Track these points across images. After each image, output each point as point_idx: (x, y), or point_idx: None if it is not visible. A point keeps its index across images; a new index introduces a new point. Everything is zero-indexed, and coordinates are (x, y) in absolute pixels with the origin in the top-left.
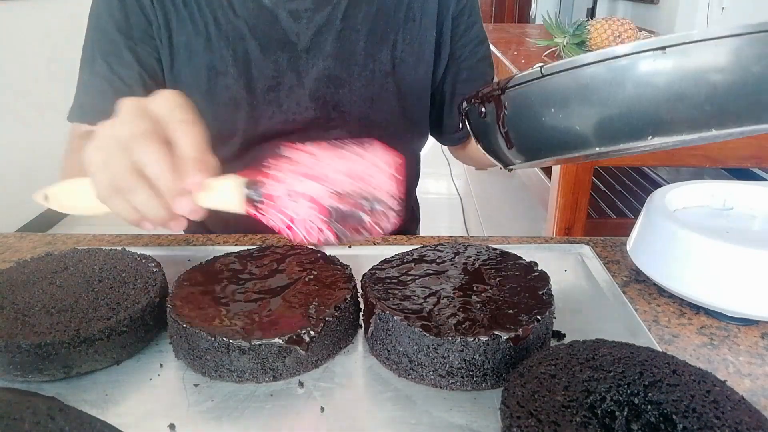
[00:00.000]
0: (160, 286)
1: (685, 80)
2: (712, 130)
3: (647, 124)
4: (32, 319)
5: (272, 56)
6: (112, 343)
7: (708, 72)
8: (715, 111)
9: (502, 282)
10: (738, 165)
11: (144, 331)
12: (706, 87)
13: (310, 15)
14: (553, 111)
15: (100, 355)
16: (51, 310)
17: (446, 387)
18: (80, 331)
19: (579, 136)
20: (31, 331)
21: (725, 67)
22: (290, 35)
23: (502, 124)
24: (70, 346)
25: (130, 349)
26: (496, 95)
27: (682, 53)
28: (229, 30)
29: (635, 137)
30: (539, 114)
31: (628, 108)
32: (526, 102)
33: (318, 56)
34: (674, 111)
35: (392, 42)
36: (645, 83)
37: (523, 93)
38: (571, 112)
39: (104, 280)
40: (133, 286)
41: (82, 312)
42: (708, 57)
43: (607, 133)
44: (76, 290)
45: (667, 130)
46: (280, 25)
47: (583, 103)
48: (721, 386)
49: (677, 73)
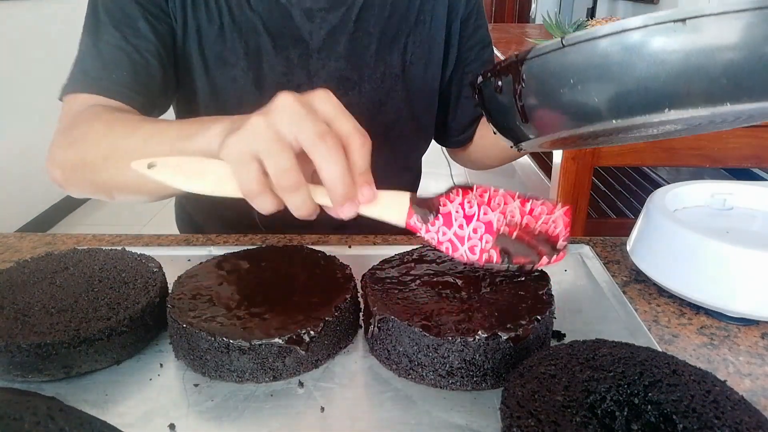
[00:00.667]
0: (160, 286)
1: (703, 53)
2: (727, 104)
3: (664, 96)
4: (32, 319)
5: (284, 53)
6: (112, 343)
7: (726, 45)
8: (731, 85)
9: (502, 282)
10: (738, 165)
11: (144, 331)
12: (723, 60)
13: (323, 15)
14: (572, 82)
15: (100, 355)
16: (51, 310)
17: (446, 387)
18: (80, 331)
19: (596, 109)
20: (31, 331)
21: (743, 40)
22: (303, 34)
23: (518, 97)
24: (70, 346)
25: (130, 349)
26: (515, 66)
27: (702, 25)
28: (242, 22)
29: (652, 110)
30: (557, 86)
31: (646, 80)
32: (545, 73)
33: (330, 57)
34: (691, 83)
35: (403, 45)
36: (664, 55)
37: (542, 64)
38: (589, 83)
39: (104, 280)
40: (133, 286)
41: (82, 312)
42: (727, 30)
43: (624, 105)
44: (76, 290)
45: (684, 102)
46: (294, 23)
47: (602, 74)
48: (721, 386)
49: (695, 46)
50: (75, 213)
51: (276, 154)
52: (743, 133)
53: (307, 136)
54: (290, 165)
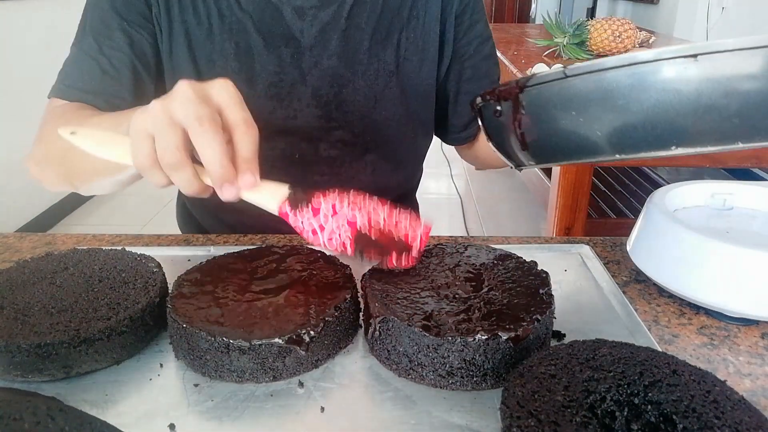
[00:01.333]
0: (160, 286)
1: (716, 91)
2: (738, 143)
3: (672, 134)
4: (32, 319)
5: (275, 51)
6: (113, 343)
7: (740, 83)
8: (744, 124)
9: (502, 282)
10: (738, 165)
11: (144, 331)
12: (737, 99)
13: (315, 12)
14: (574, 114)
15: (100, 355)
16: (51, 310)
17: (446, 387)
18: (80, 331)
19: (598, 142)
20: (31, 331)
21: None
22: (295, 32)
23: (518, 125)
24: (70, 346)
25: (130, 349)
26: (515, 93)
27: (714, 62)
28: (233, 22)
29: (658, 147)
30: (558, 116)
31: (652, 116)
32: (546, 102)
33: (322, 54)
34: (701, 122)
35: (396, 41)
36: (672, 91)
37: (543, 93)
38: (592, 116)
39: (104, 280)
40: (133, 286)
41: (82, 312)
42: (741, 67)
43: (628, 141)
44: (76, 290)
45: (692, 141)
46: (285, 22)
47: (605, 108)
48: (721, 386)
49: (707, 83)
50: (75, 213)
51: (163, 133)
52: None
53: (188, 118)
54: (174, 144)
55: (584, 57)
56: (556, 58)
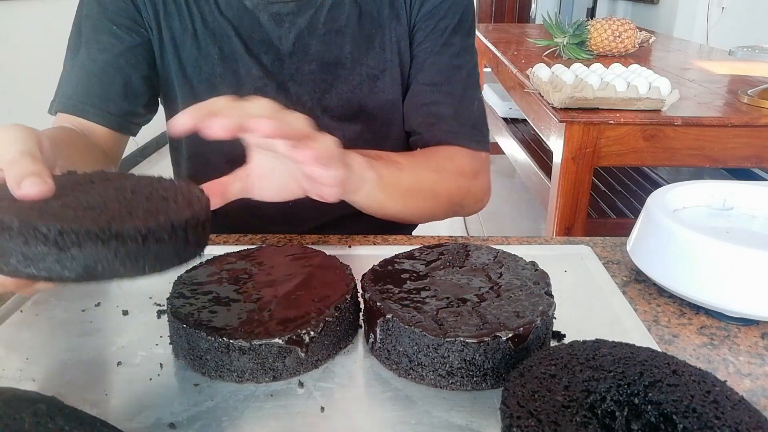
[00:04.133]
0: (205, 206)
1: None
2: None
3: None
4: (53, 210)
5: (257, 58)
6: (147, 250)
7: None
8: None
9: (502, 282)
10: (738, 165)
11: (183, 245)
12: None
13: (292, 19)
14: None
15: (130, 260)
16: (77, 210)
17: (446, 387)
18: (113, 224)
19: None
20: (52, 217)
21: None
22: (273, 39)
23: None
24: (98, 239)
25: (162, 263)
26: None
27: None
28: (215, 28)
29: None
30: None
31: None
32: None
33: (302, 60)
34: None
35: (378, 44)
36: None
37: None
38: None
39: (138, 194)
40: (174, 201)
41: (114, 213)
42: None
43: None
44: (108, 197)
45: None
46: (263, 29)
47: None
48: (721, 386)
49: None
50: None
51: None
52: (743, 133)
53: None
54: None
55: (584, 57)
56: (556, 58)
